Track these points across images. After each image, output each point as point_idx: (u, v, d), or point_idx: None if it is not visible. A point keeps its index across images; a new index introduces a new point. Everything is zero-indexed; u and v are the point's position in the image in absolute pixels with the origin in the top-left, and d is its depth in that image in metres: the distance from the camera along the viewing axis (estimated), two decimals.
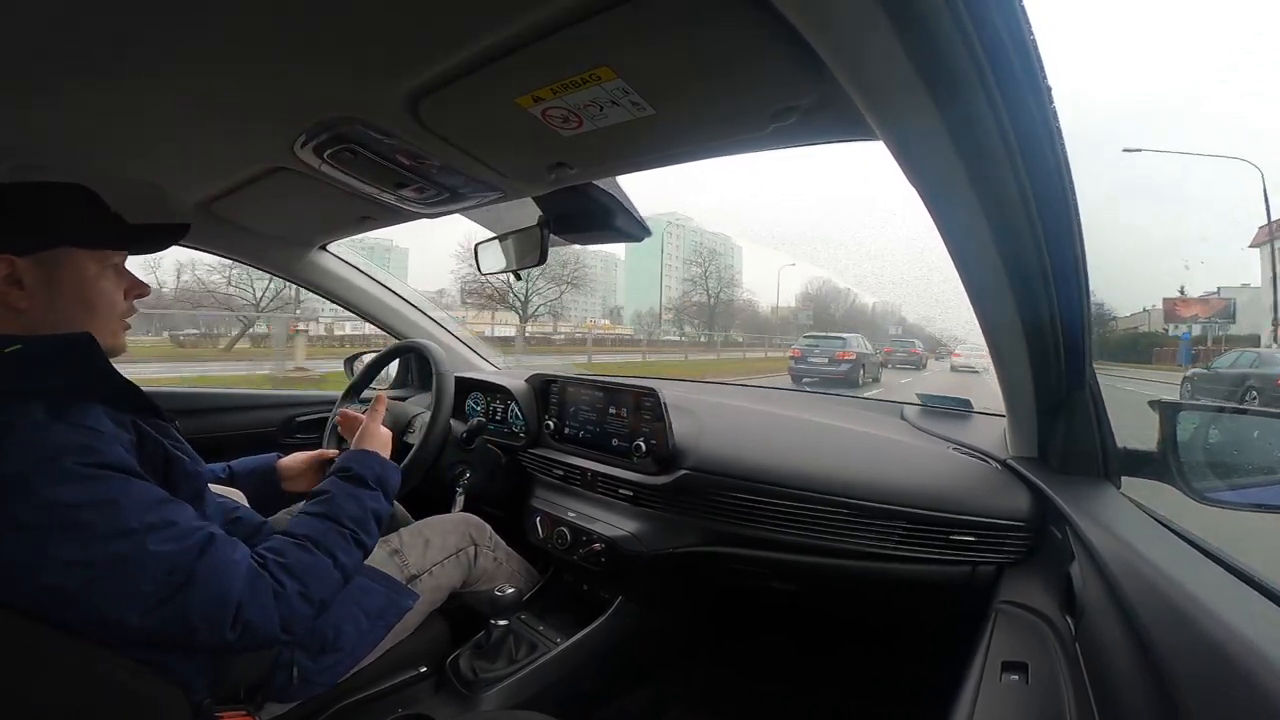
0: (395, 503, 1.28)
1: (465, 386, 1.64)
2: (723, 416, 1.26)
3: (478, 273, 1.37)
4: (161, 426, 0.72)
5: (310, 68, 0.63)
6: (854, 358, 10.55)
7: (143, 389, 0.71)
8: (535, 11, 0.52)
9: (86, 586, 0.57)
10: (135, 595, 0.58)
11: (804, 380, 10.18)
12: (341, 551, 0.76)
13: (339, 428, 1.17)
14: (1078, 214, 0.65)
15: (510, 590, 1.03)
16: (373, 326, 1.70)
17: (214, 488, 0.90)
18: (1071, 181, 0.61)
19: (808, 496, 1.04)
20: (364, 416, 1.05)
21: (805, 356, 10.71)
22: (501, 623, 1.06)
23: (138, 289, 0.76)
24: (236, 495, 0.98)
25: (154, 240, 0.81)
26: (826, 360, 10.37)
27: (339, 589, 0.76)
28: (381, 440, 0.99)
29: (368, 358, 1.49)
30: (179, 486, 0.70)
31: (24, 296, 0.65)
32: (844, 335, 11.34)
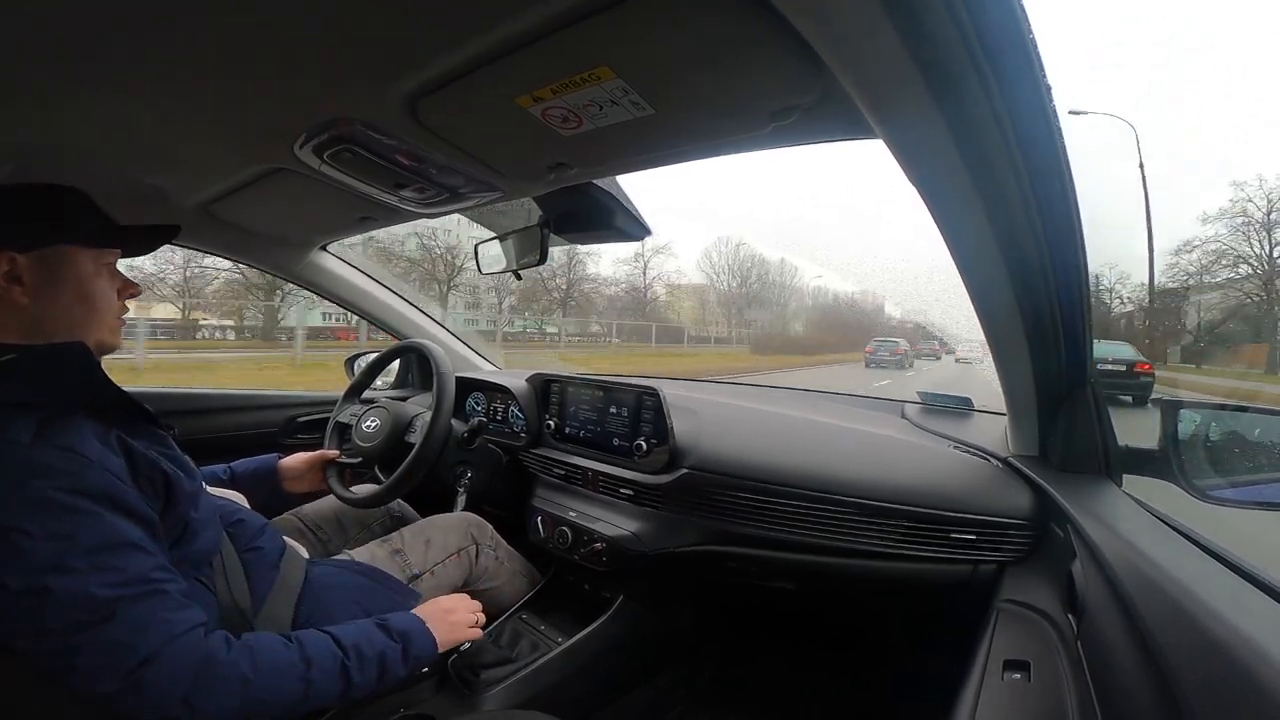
0: (401, 501, 1.29)
1: (466, 386, 1.64)
2: (724, 416, 1.26)
3: (478, 272, 1.37)
4: (158, 437, 0.72)
5: (309, 69, 0.63)
6: (903, 352, 16.28)
7: (135, 393, 0.71)
8: (534, 11, 0.52)
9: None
10: (37, 628, 0.56)
11: (872, 367, 15.77)
12: (318, 668, 0.69)
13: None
14: (1078, 210, 0.65)
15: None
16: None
17: (215, 490, 0.90)
18: (1071, 178, 0.61)
19: (809, 495, 1.04)
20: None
21: (876, 352, 16.46)
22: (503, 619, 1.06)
23: (130, 289, 0.77)
24: (237, 497, 0.98)
25: (146, 240, 0.82)
26: (889, 354, 16.15)
27: (298, 695, 0.67)
28: (441, 605, 0.91)
29: (369, 358, 1.49)
30: (180, 503, 0.70)
31: (25, 293, 0.66)
32: (896, 339, 17.23)
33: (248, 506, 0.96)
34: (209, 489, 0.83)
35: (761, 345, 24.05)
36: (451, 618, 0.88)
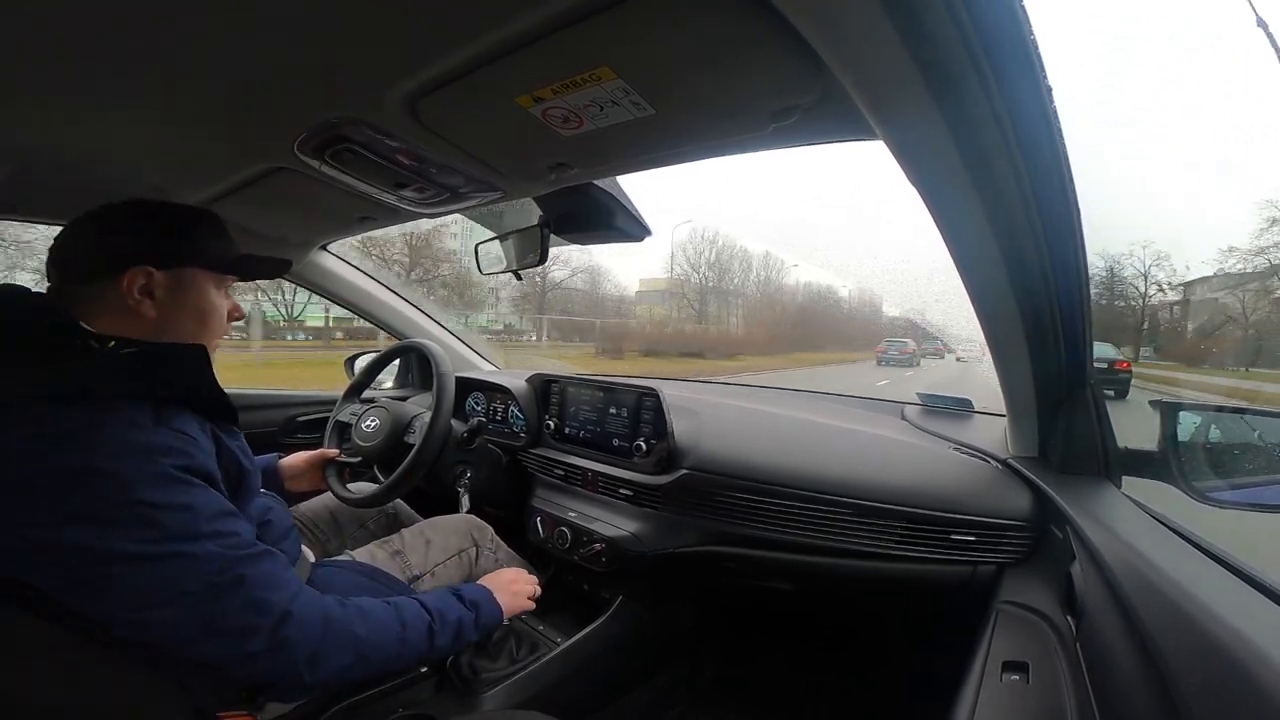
0: (400, 501, 1.30)
1: (466, 386, 1.64)
2: (723, 416, 1.26)
3: (479, 273, 1.37)
4: (236, 434, 0.76)
5: (310, 68, 0.63)
6: (912, 351, 17.15)
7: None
8: (534, 11, 0.52)
9: (135, 576, 0.58)
10: (178, 592, 0.60)
11: (883, 364, 16.95)
12: (412, 629, 0.76)
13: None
14: (1078, 211, 0.65)
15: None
16: None
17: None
18: (1072, 179, 0.61)
19: (808, 496, 1.04)
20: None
21: (887, 350, 17.49)
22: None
23: (238, 312, 0.82)
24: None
25: (264, 271, 0.88)
26: (898, 353, 17.08)
27: (392, 655, 0.74)
28: (504, 577, 0.99)
29: (368, 357, 1.49)
30: (244, 496, 0.74)
31: (153, 307, 0.70)
32: (905, 339, 17.98)
33: (286, 507, 0.99)
34: None
35: (614, 340, 18.62)
36: (514, 588, 0.97)
